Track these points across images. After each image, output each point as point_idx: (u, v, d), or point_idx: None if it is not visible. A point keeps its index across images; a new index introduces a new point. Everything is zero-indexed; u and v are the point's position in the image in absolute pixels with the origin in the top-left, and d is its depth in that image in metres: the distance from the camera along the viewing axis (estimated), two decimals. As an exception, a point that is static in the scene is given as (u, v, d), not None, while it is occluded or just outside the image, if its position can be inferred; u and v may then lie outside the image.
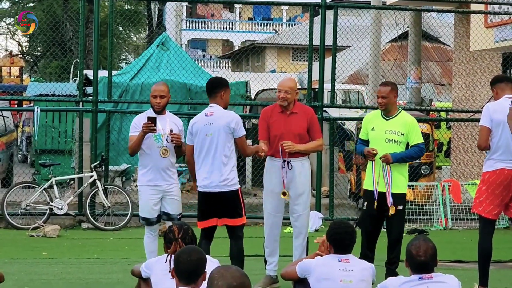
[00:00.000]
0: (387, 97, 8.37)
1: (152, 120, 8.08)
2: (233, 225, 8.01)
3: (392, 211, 8.23)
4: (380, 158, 8.24)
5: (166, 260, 5.67)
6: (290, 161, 8.39)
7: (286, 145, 8.28)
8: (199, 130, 8.05)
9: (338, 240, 5.86)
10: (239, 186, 8.09)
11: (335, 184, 14.13)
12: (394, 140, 8.33)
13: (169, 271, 5.43)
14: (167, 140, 8.20)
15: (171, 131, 8.19)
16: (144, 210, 8.33)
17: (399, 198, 8.34)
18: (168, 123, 8.27)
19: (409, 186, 14.14)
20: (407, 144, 8.41)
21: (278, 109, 8.55)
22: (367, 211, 8.41)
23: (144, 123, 8.10)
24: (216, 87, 8.13)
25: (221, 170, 7.95)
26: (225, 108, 8.20)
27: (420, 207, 14.12)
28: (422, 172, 15.17)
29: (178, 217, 8.32)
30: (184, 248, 4.82)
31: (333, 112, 17.64)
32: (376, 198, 8.28)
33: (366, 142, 8.52)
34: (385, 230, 8.53)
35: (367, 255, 8.22)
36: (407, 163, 8.53)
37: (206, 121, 8.03)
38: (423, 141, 8.48)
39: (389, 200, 8.24)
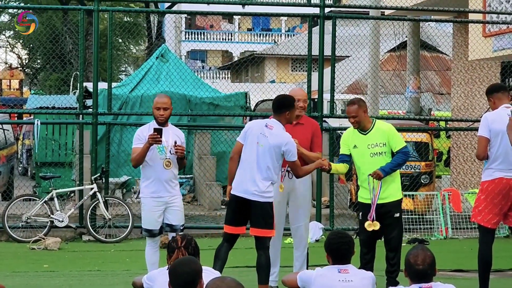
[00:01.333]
0: (357, 115, 8.34)
1: (158, 131, 8.13)
2: (263, 235, 7.97)
3: (376, 227, 8.22)
4: (372, 176, 8.23)
5: (168, 268, 5.68)
6: (291, 170, 8.42)
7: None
8: (253, 134, 8.03)
9: (335, 250, 5.88)
10: (273, 200, 8.08)
11: (335, 194, 14.16)
12: (379, 153, 8.32)
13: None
14: (170, 152, 8.24)
15: (175, 143, 8.24)
16: (147, 221, 8.34)
17: (395, 206, 8.35)
18: (171, 135, 8.32)
19: (409, 195, 14.23)
20: (392, 151, 8.42)
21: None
22: (362, 220, 8.44)
23: (150, 134, 8.14)
24: (284, 106, 8.06)
25: (261, 181, 7.92)
26: (289, 123, 8.15)
27: (420, 216, 14.14)
28: (422, 181, 15.20)
29: (181, 228, 8.34)
30: (177, 260, 4.83)
31: (332, 122, 17.67)
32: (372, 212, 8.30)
33: (348, 157, 8.52)
34: (382, 240, 8.53)
35: (365, 264, 8.22)
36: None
37: (263, 131, 8.00)
38: (405, 144, 8.45)
39: (372, 215, 8.24)
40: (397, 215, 8.35)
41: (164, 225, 8.31)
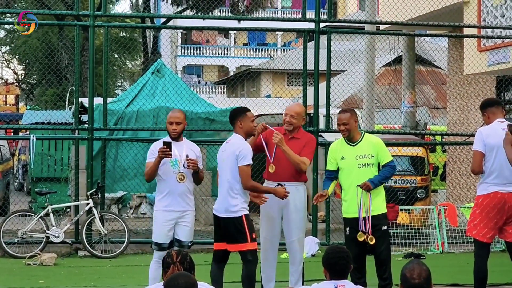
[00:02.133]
0: (348, 123, 8.40)
1: (168, 145, 8.23)
2: (238, 250, 8.09)
3: (371, 241, 8.25)
4: (361, 187, 8.25)
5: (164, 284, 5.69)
6: (284, 185, 8.45)
7: (275, 136, 8.39)
8: (219, 156, 8.39)
9: (333, 265, 5.89)
10: (245, 212, 8.12)
11: (331, 209, 14.14)
12: (367, 164, 8.37)
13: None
14: (184, 166, 8.31)
15: (187, 156, 8.32)
16: (157, 235, 8.42)
17: (382, 218, 8.38)
18: (185, 149, 8.44)
19: (405, 210, 14.23)
20: (378, 165, 8.46)
21: (282, 131, 8.66)
22: (349, 236, 8.44)
23: (160, 148, 8.26)
24: (233, 117, 8.35)
25: (227, 196, 8.14)
26: (249, 135, 8.35)
27: (417, 231, 14.13)
28: (418, 195, 15.19)
29: (189, 244, 8.42)
30: (172, 275, 4.88)
31: (328, 137, 17.68)
32: (361, 224, 8.30)
33: (335, 172, 8.56)
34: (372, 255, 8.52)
35: (358, 279, 8.22)
36: None
37: (223, 148, 8.33)
38: (392, 158, 8.52)
39: (370, 229, 8.26)
40: (385, 227, 8.38)
41: (173, 239, 8.36)
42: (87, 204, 13.19)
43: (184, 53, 62.80)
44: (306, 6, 13.91)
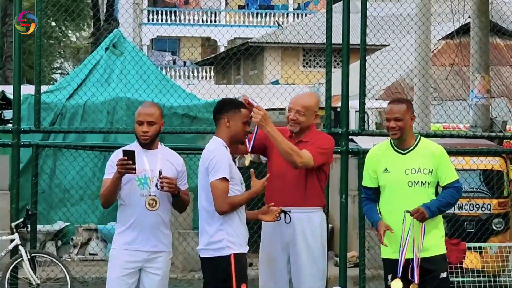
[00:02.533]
0: (403, 119, 8.36)
1: (129, 155, 8.10)
2: None
3: None
4: (412, 215, 8.23)
5: None
6: (289, 211, 8.44)
7: (256, 114, 8.34)
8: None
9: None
10: (236, 250, 8.09)
11: (367, 247, 14.12)
12: (421, 182, 8.35)
13: None
14: (156, 186, 8.23)
15: (160, 173, 8.23)
16: (114, 284, 8.34)
17: (440, 262, 8.41)
18: (160, 161, 8.32)
19: (475, 249, 14.24)
20: (437, 184, 8.45)
21: (287, 133, 8.67)
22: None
23: (119, 159, 8.11)
24: (219, 110, 8.26)
25: (206, 228, 8.13)
26: (235, 141, 8.29)
27: (492, 279, 14.14)
28: (494, 227, 15.21)
29: None
30: None
31: (363, 142, 17.69)
32: (400, 267, 8.34)
33: (375, 191, 8.54)
34: None
35: None
36: None
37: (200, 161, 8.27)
38: (457, 177, 8.48)
39: (417, 273, 8.27)
40: (444, 275, 8.41)
41: None
42: (12, 240, 13.19)
43: (153, 20, 62.95)
44: (330, -48, 13.94)
